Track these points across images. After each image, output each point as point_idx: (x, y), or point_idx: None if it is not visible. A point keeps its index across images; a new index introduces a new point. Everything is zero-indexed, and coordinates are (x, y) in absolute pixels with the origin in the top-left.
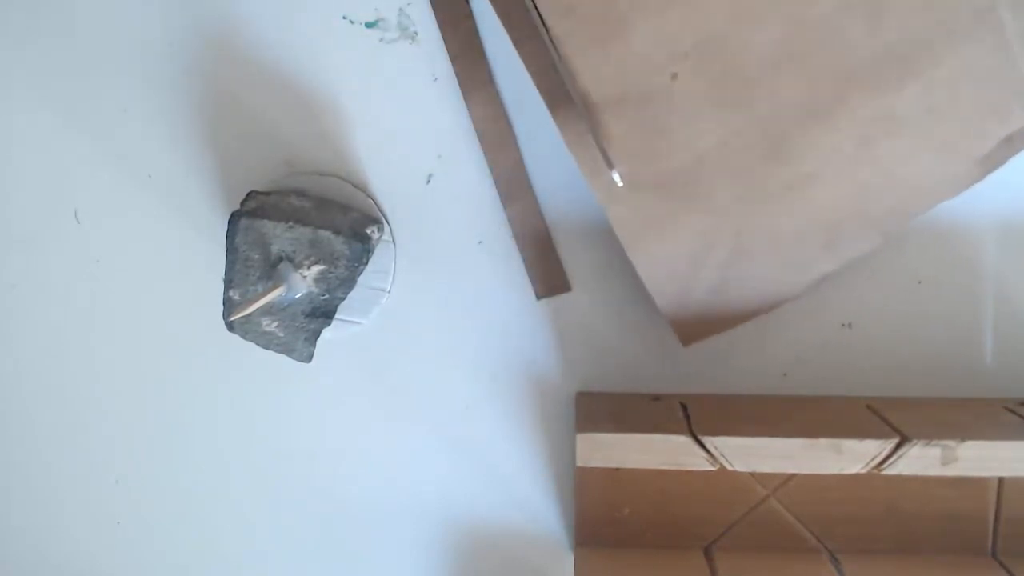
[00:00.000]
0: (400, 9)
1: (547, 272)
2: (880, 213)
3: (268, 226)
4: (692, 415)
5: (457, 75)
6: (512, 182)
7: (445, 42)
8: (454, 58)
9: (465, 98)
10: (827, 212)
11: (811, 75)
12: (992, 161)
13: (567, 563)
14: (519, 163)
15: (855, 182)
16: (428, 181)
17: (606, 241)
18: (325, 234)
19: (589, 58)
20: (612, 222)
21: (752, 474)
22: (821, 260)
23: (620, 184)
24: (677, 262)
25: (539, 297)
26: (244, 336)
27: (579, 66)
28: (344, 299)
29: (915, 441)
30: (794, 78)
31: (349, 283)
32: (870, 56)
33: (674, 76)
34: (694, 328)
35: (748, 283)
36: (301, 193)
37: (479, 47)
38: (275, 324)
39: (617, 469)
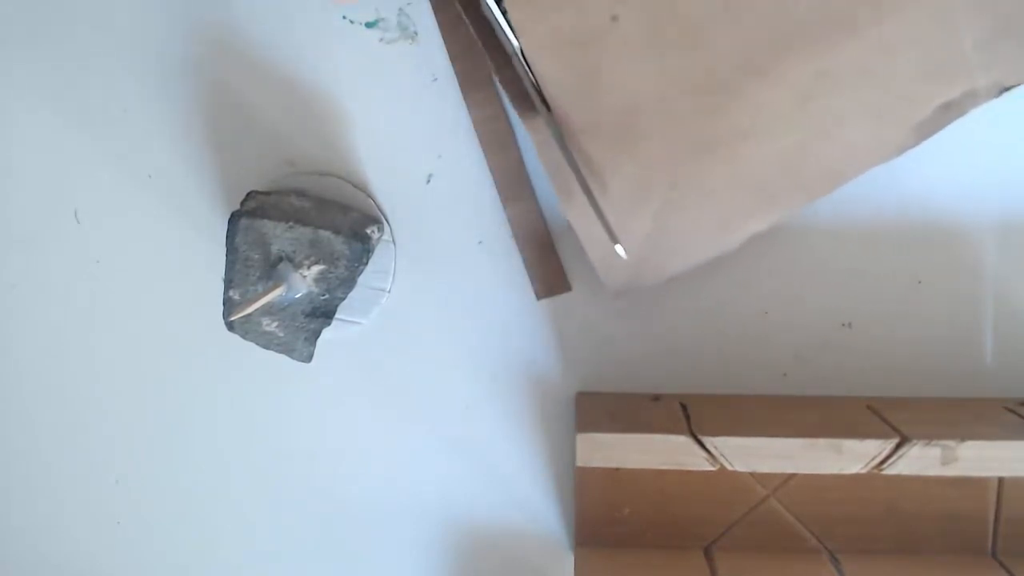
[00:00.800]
0: (400, 9)
1: (547, 272)
2: (811, 174)
3: (268, 226)
4: (692, 415)
5: (457, 75)
6: (512, 182)
7: (445, 42)
8: (454, 58)
9: (465, 98)
10: (760, 169)
11: (752, 27)
12: (927, 128)
13: (567, 563)
14: (519, 163)
15: (789, 141)
16: (428, 181)
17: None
18: (325, 234)
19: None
20: (546, 169)
21: (752, 474)
22: (753, 218)
23: (624, 257)
24: (609, 211)
25: (539, 297)
26: (244, 336)
27: (517, 7)
28: (344, 299)
29: (915, 441)
30: (735, 29)
31: (349, 283)
32: (812, 11)
33: (615, 18)
34: (624, 278)
35: (680, 237)
36: (301, 193)
37: (479, 47)
38: (275, 324)
39: (617, 469)
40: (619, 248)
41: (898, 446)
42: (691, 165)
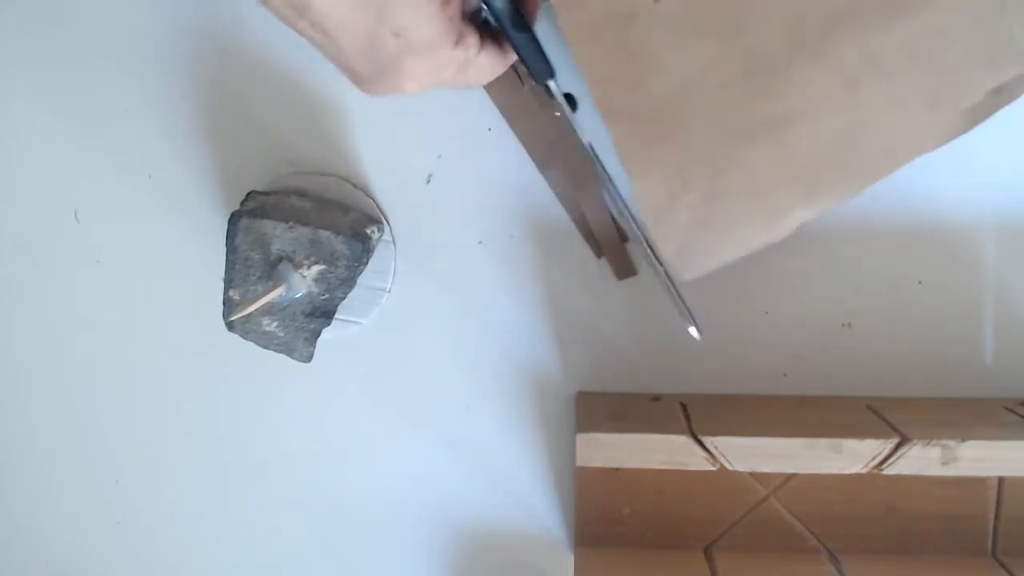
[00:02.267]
0: None
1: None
2: (861, 161)
3: (268, 226)
4: (692, 415)
5: None
6: (543, 146)
7: None
8: None
9: None
10: (807, 156)
11: (800, 6)
12: (978, 113)
13: (567, 563)
14: (552, 124)
15: (837, 126)
16: (428, 181)
17: None
18: (325, 234)
19: None
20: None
21: (752, 474)
22: (799, 207)
23: (698, 338)
24: (652, 201)
25: (598, 256)
26: (244, 336)
27: None
28: (344, 299)
29: (915, 441)
30: (782, 9)
31: (349, 283)
32: None
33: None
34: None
35: (726, 227)
36: (301, 193)
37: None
38: (275, 324)
39: (617, 469)
40: (693, 330)
41: (898, 446)
42: (736, 152)
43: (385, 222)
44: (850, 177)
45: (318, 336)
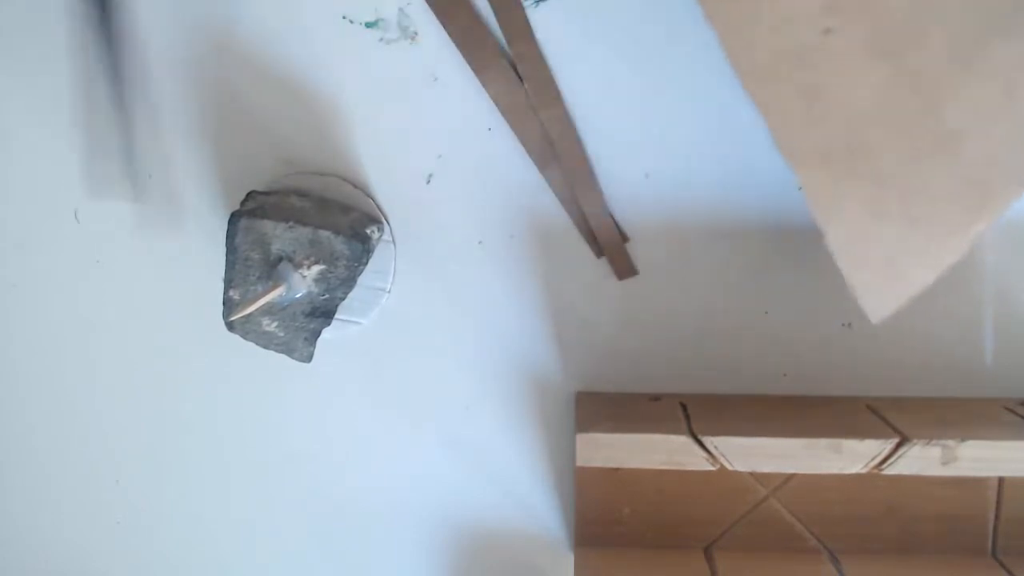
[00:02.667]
0: (400, 9)
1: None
2: (1022, 164)
3: (268, 226)
4: (692, 415)
5: (466, 58)
6: (546, 145)
7: (447, 30)
8: (459, 44)
9: (478, 76)
10: (978, 167)
11: (953, 19)
12: None
13: (567, 563)
14: (552, 124)
15: (1002, 133)
16: (428, 181)
17: None
18: (325, 234)
19: (741, 26)
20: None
21: (752, 474)
22: (978, 219)
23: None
24: (850, 239)
25: (598, 256)
26: (244, 336)
27: (728, 35)
28: (344, 299)
29: (915, 441)
30: (937, 23)
31: (349, 283)
32: None
33: (827, 31)
34: (885, 306)
35: (917, 251)
36: (301, 193)
37: (482, 25)
38: (275, 324)
39: (617, 469)
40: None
41: (898, 446)
42: (917, 175)
43: (385, 222)
44: (1016, 181)
45: (318, 336)
